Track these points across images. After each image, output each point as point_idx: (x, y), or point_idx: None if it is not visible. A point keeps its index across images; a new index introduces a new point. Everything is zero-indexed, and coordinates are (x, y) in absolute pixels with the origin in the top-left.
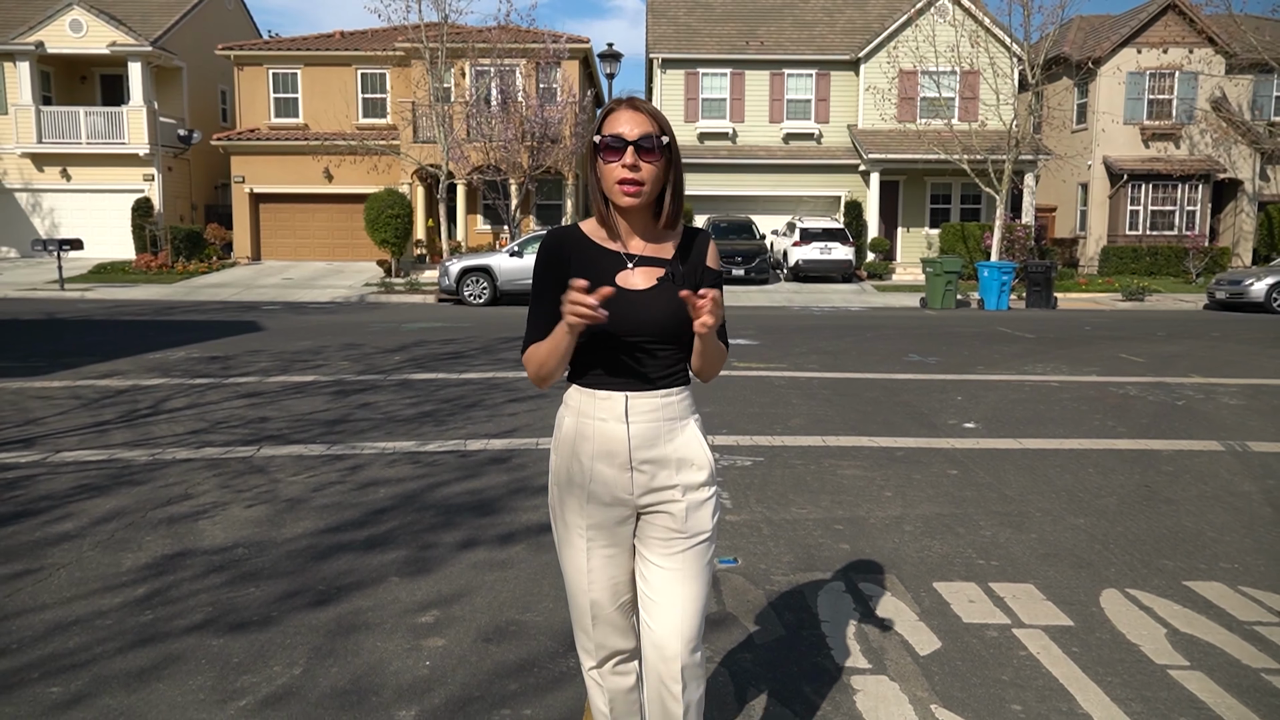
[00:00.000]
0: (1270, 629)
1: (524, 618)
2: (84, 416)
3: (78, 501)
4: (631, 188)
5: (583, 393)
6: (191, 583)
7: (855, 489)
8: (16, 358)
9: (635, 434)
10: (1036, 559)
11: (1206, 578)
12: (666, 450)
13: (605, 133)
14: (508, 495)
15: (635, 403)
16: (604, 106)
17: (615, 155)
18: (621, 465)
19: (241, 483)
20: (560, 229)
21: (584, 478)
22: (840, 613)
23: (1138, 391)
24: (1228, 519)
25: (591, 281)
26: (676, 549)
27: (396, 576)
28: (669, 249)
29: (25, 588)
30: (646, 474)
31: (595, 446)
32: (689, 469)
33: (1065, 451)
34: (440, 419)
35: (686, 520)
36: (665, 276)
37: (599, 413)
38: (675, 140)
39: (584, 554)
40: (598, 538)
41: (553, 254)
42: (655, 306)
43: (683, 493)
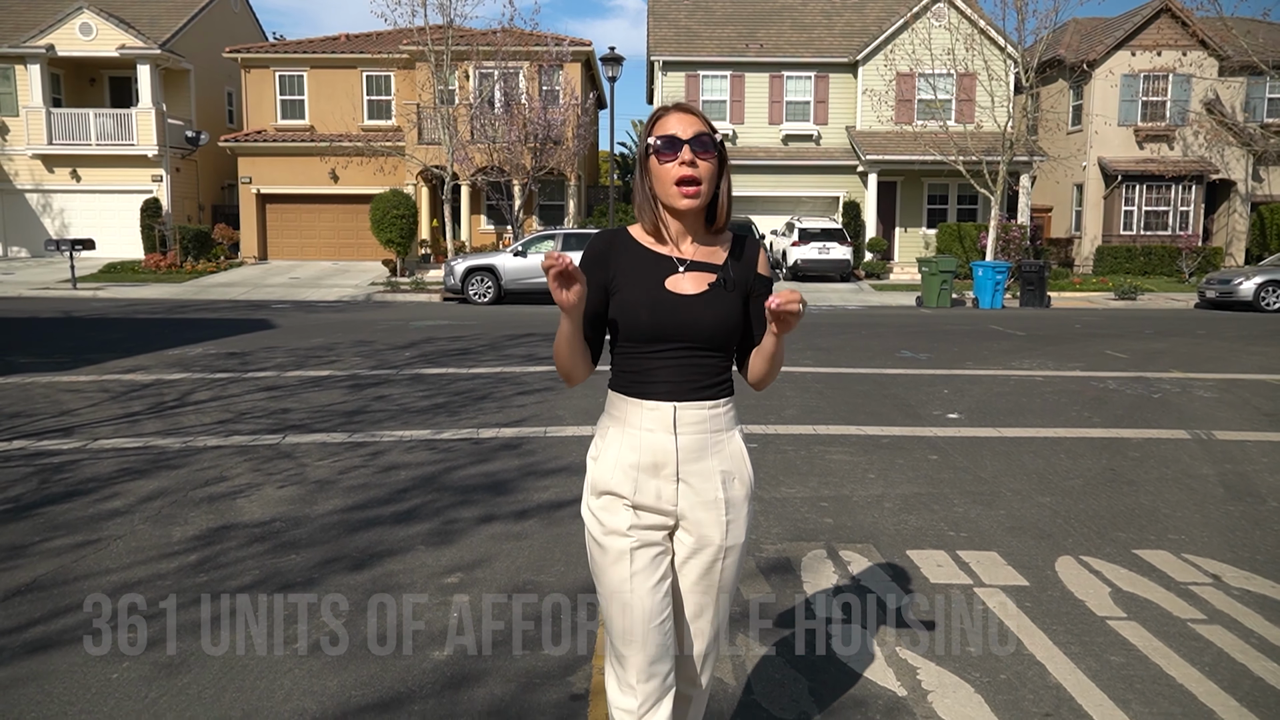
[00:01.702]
0: (1203, 588)
1: (539, 578)
2: (114, 408)
3: (122, 483)
4: (690, 188)
5: (629, 401)
6: (237, 551)
7: (841, 472)
8: (41, 354)
9: (684, 445)
10: (1002, 531)
11: (1155, 547)
12: (712, 463)
13: (658, 135)
14: (520, 477)
15: (684, 413)
16: (651, 113)
17: (670, 155)
18: (668, 476)
19: (271, 466)
20: (609, 231)
21: (629, 488)
22: (821, 575)
23: (1117, 385)
24: (1182, 497)
25: (640, 286)
26: (712, 559)
27: (423, 546)
28: (720, 254)
29: (88, 555)
30: (693, 486)
31: (641, 457)
32: (733, 482)
33: (1040, 439)
34: (453, 410)
35: (727, 533)
36: (718, 282)
37: (646, 422)
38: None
39: (627, 564)
40: (640, 548)
41: (598, 255)
42: (706, 312)
43: (726, 507)
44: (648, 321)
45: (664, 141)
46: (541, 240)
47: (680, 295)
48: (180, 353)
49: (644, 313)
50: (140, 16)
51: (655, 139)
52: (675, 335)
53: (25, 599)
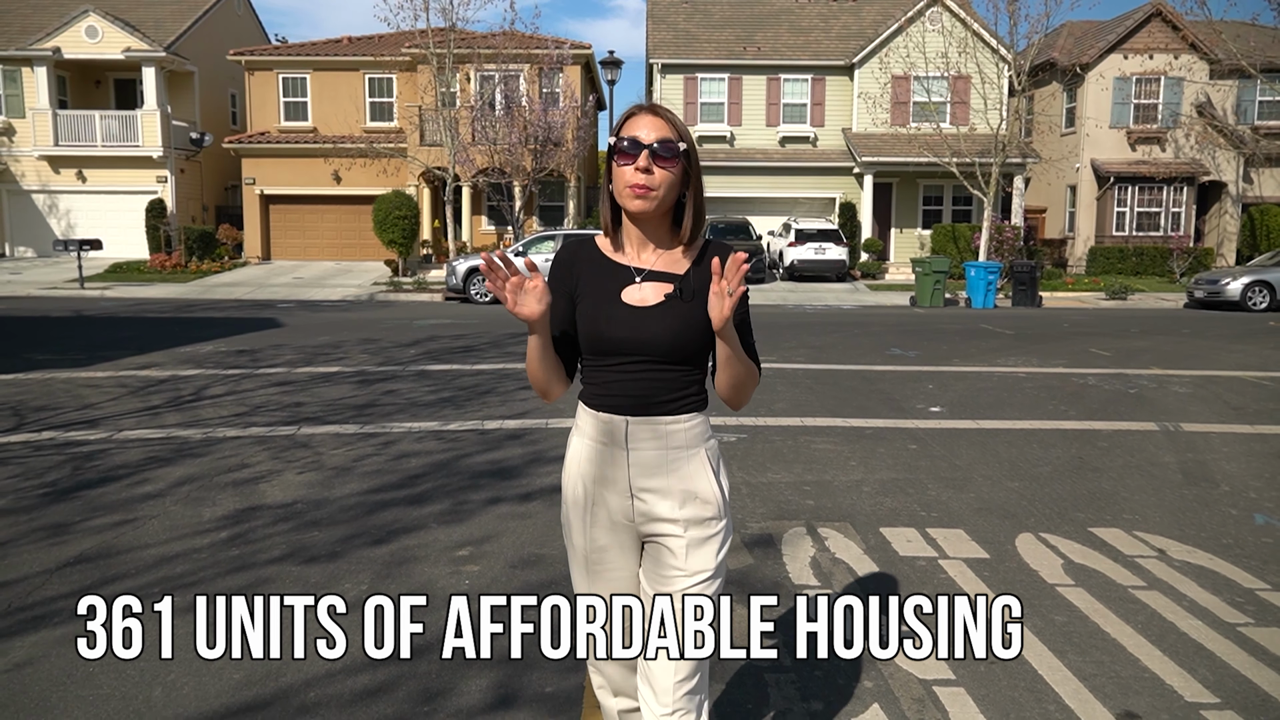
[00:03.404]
0: (1147, 560)
1: (543, 552)
2: (134, 402)
3: (150, 469)
4: (640, 190)
5: (587, 413)
6: (265, 529)
7: (825, 459)
8: (56, 351)
9: (635, 461)
10: (971, 512)
11: (1109, 525)
12: (669, 481)
13: (622, 135)
14: (525, 464)
15: (636, 428)
16: (624, 111)
17: (629, 158)
18: (621, 491)
19: (290, 455)
20: (576, 241)
21: (587, 500)
22: (800, 549)
23: (1097, 381)
24: (1142, 483)
25: (596, 297)
26: (676, 586)
27: (436, 524)
28: (683, 264)
29: (127, 532)
30: (647, 503)
31: (597, 470)
32: (694, 503)
33: (1015, 430)
34: (459, 403)
35: (687, 558)
36: (674, 292)
37: (601, 435)
38: (695, 150)
39: (585, 579)
40: (602, 561)
41: (563, 266)
42: (661, 324)
43: (684, 528)
44: (602, 333)
45: (626, 143)
46: (542, 240)
47: (634, 307)
48: (192, 350)
49: (599, 324)
50: (145, 19)
51: (618, 139)
52: (631, 348)
53: (76, 569)
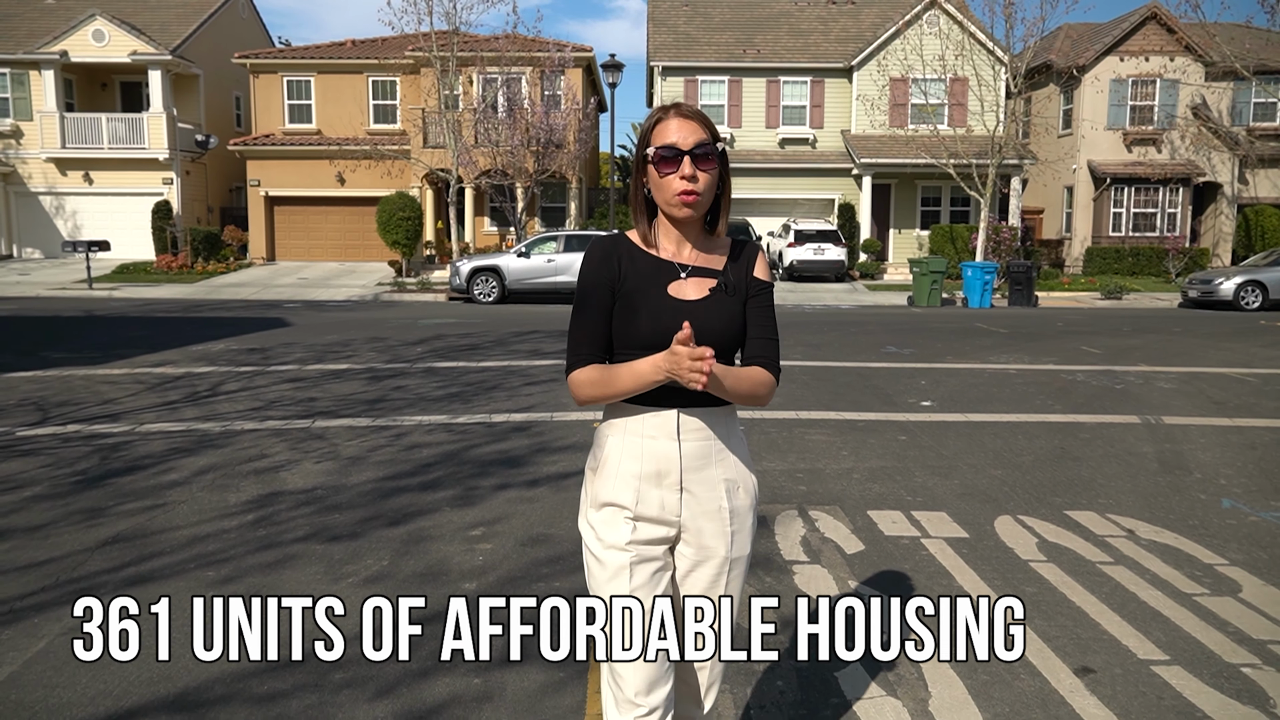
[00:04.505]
0: (1116, 539)
1: (550, 531)
2: (152, 398)
3: (174, 459)
4: (690, 198)
5: (630, 409)
6: (288, 512)
7: (818, 449)
8: (71, 350)
9: (688, 452)
10: (954, 497)
11: (1084, 509)
12: (716, 471)
13: (656, 144)
14: (531, 454)
15: (687, 419)
16: (649, 116)
17: (671, 166)
18: (671, 486)
19: (306, 446)
20: (607, 237)
21: (631, 499)
22: (790, 529)
23: (1085, 378)
24: (1119, 470)
25: (643, 292)
26: (716, 572)
27: (449, 507)
28: (719, 259)
29: (159, 515)
30: (696, 495)
31: (644, 466)
32: (737, 492)
33: (1002, 423)
34: (466, 398)
35: (732, 544)
36: (718, 287)
37: (648, 429)
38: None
39: (626, 578)
40: (640, 563)
41: (605, 262)
42: (709, 318)
43: (730, 517)
44: (650, 329)
45: (664, 151)
46: (544, 241)
47: (684, 301)
48: (203, 348)
49: (647, 319)
50: (151, 23)
51: (655, 149)
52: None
53: (114, 548)
